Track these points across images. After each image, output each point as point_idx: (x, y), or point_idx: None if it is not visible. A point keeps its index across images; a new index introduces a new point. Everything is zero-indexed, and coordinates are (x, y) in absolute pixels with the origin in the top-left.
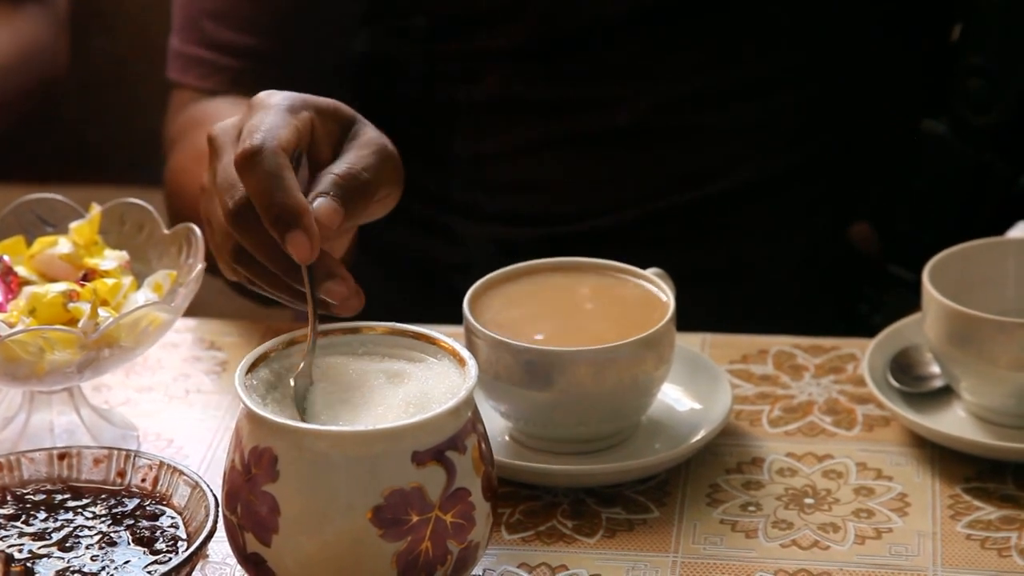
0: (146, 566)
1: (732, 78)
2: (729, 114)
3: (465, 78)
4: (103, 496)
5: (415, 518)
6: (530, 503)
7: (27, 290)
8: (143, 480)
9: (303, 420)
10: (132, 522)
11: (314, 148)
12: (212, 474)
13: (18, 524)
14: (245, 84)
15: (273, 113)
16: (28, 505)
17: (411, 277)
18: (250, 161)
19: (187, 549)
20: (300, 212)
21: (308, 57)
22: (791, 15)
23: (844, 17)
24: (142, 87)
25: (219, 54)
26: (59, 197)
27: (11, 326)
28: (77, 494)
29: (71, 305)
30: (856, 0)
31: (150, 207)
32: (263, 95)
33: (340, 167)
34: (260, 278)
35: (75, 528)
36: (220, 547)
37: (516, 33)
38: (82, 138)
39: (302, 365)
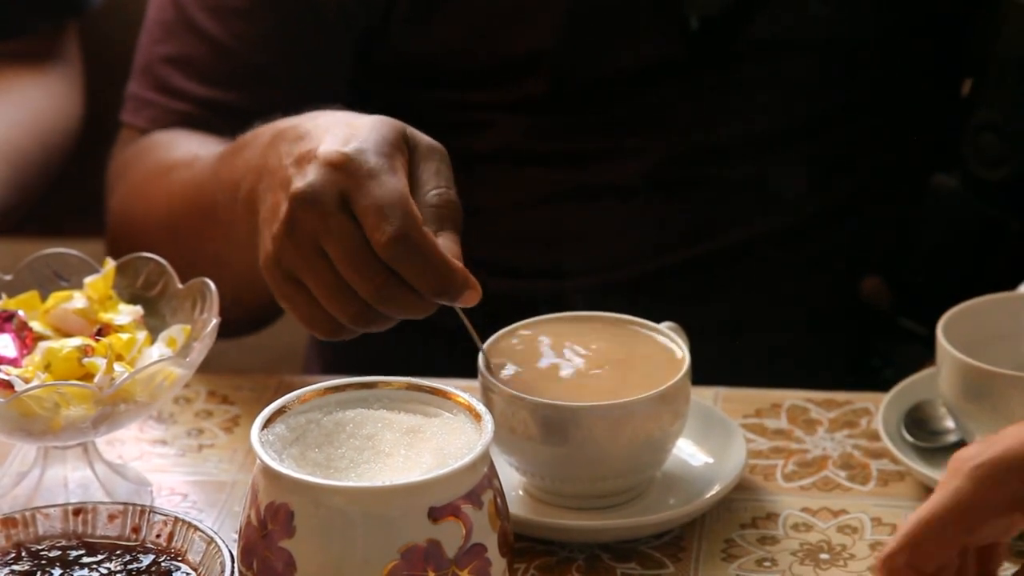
0: None
1: (742, 131)
2: (740, 167)
3: (472, 129)
4: (118, 552)
5: (432, 574)
6: (545, 558)
7: (42, 345)
8: (158, 536)
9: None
10: None
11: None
12: (226, 529)
13: None
14: (197, 127)
15: (385, 182)
16: (43, 561)
17: (422, 332)
18: (396, 249)
19: None
20: (462, 281)
21: (280, 109)
22: (802, 70)
23: (855, 72)
24: None
25: (171, 98)
26: (73, 252)
27: (26, 381)
28: (92, 550)
29: (86, 360)
30: (867, 56)
31: (164, 262)
32: (356, 159)
33: (434, 196)
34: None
35: None
36: None
37: (527, 86)
38: (94, 192)
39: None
